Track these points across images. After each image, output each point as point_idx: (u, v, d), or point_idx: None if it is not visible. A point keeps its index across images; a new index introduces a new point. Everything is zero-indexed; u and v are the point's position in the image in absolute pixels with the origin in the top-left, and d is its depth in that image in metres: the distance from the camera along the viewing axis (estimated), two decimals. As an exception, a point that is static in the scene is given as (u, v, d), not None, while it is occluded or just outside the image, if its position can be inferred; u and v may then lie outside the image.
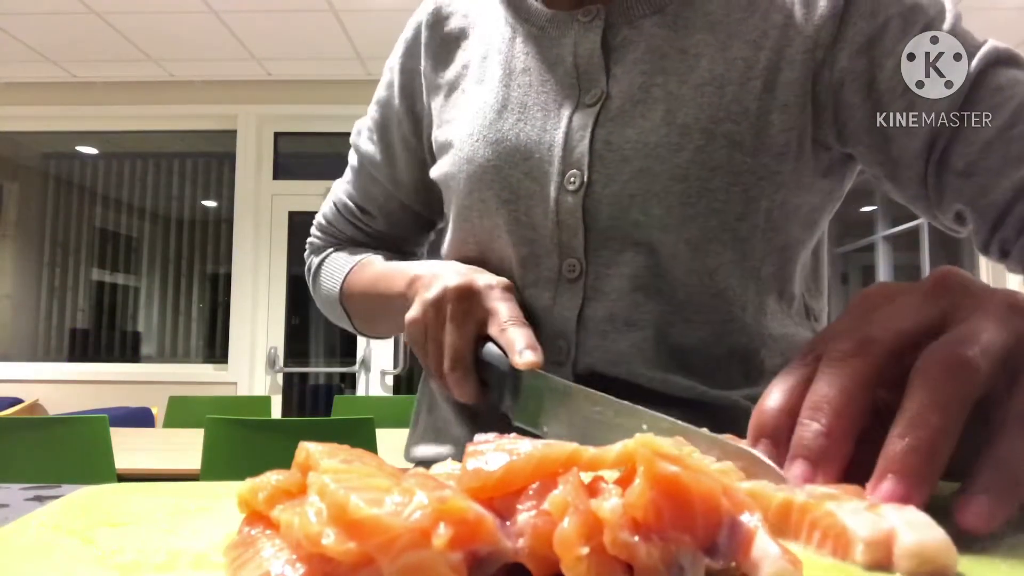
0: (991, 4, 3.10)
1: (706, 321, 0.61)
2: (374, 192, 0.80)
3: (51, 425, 1.91)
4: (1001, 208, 0.55)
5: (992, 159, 0.54)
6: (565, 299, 0.62)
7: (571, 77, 0.64)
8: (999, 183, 0.54)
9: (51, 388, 3.86)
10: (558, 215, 0.61)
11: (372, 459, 0.29)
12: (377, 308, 0.74)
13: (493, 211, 0.64)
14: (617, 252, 0.61)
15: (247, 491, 0.27)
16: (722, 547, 0.23)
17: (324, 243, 0.85)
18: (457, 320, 0.57)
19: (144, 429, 3.01)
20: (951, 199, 0.57)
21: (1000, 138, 0.54)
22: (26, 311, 4.87)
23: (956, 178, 0.56)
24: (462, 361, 0.56)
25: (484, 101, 0.67)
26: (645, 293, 0.60)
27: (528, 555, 0.22)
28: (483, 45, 0.71)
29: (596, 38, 0.63)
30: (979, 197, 0.55)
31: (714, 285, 0.60)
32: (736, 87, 0.59)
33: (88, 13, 3.28)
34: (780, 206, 0.60)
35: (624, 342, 0.60)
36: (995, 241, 0.57)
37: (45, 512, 0.34)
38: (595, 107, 0.62)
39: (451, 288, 0.58)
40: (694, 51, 0.61)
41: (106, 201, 5.15)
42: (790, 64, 0.59)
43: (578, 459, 0.25)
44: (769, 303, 0.63)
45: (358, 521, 0.22)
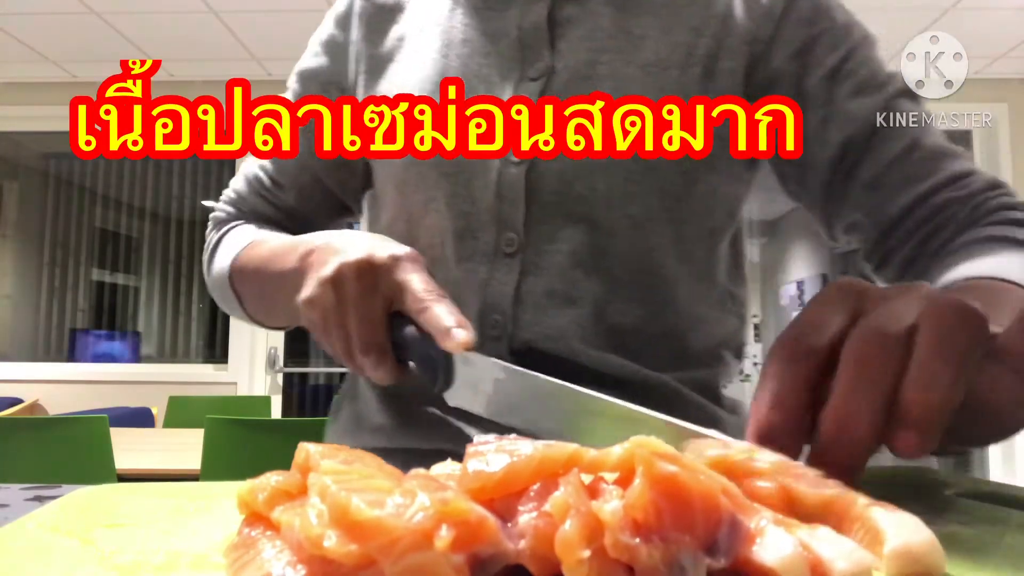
0: (991, 4, 3.10)
1: (642, 301, 0.62)
2: (288, 164, 0.74)
3: (51, 425, 1.90)
4: (894, 220, 0.60)
5: (894, 177, 0.60)
6: (501, 273, 0.61)
7: (515, 50, 0.64)
8: (897, 199, 0.60)
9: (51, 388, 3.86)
10: (499, 188, 0.61)
11: (372, 460, 0.29)
12: (268, 290, 0.65)
13: (431, 184, 0.63)
14: (558, 227, 0.61)
15: (247, 492, 0.27)
16: (722, 546, 0.23)
17: (228, 217, 0.77)
18: (362, 300, 0.51)
19: (144, 429, 3.01)
20: (851, 208, 0.62)
21: (903, 159, 0.60)
22: (26, 311, 4.86)
23: (861, 189, 0.61)
24: (375, 345, 0.51)
25: (421, 71, 0.66)
26: (584, 270, 0.61)
27: (529, 557, 0.22)
28: (420, 17, 0.70)
29: (542, 12, 0.64)
30: (877, 209, 0.61)
31: (651, 265, 0.62)
32: (678, 71, 0.61)
33: (88, 13, 3.28)
34: (713, 191, 0.63)
35: (562, 318, 0.60)
36: (880, 250, 0.62)
37: (43, 512, 0.34)
38: (539, 81, 0.62)
39: (350, 263, 0.51)
40: (639, 32, 0.63)
41: (106, 201, 5.15)
42: (729, 53, 0.62)
43: (579, 460, 0.25)
44: (698, 287, 0.65)
45: (360, 523, 0.22)
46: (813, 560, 0.23)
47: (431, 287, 0.50)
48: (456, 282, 0.62)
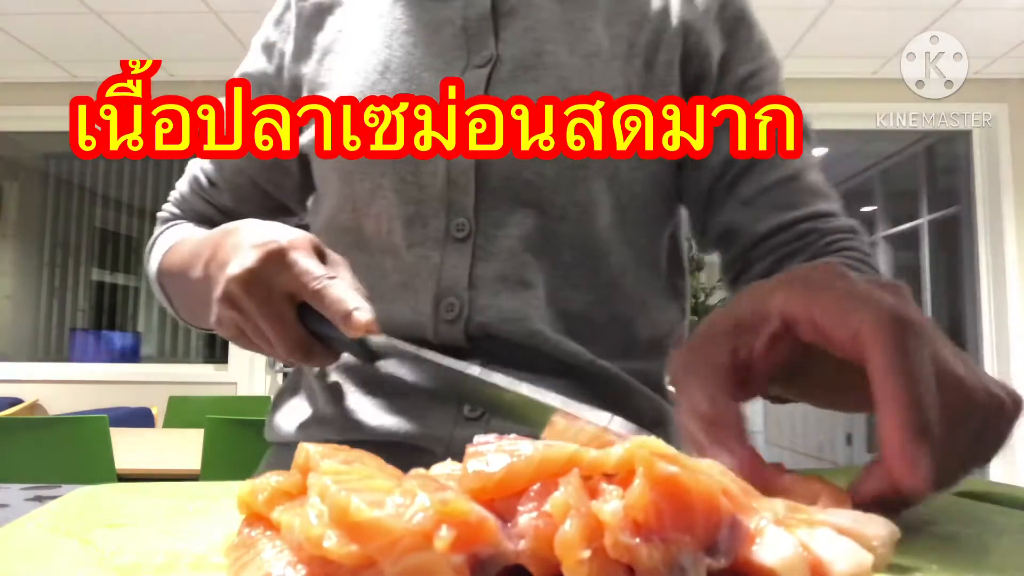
0: (991, 4, 3.10)
1: (590, 285, 0.63)
2: (224, 165, 0.74)
3: (51, 425, 1.90)
4: (760, 237, 0.63)
5: (770, 200, 0.63)
6: (454, 259, 0.62)
7: (459, 39, 0.65)
8: (768, 219, 0.63)
9: (51, 388, 3.85)
10: (449, 174, 0.61)
11: (372, 459, 0.29)
12: (190, 299, 0.64)
13: (378, 172, 0.63)
14: (507, 213, 0.62)
15: (247, 492, 0.27)
16: (722, 547, 0.23)
17: (171, 217, 0.78)
18: (261, 308, 0.50)
19: (144, 429, 3.01)
20: (727, 216, 0.65)
21: (782, 187, 0.63)
22: (26, 311, 4.86)
23: (737, 203, 0.64)
24: (295, 342, 0.51)
25: (365, 61, 0.66)
26: (534, 254, 0.62)
27: (530, 557, 0.22)
28: (359, 10, 0.70)
29: (486, 2, 0.65)
30: (749, 224, 0.64)
31: (597, 249, 0.63)
32: (621, 62, 0.64)
33: (88, 13, 3.28)
34: (652, 178, 0.65)
35: (517, 300, 0.61)
36: (740, 263, 0.65)
37: (43, 512, 0.34)
38: (485, 68, 0.63)
39: (235, 278, 0.49)
40: (581, 24, 0.65)
41: (106, 201, 5.14)
42: (667, 47, 0.65)
43: (579, 461, 0.25)
44: (644, 273, 0.67)
45: (360, 523, 0.22)
46: (813, 560, 0.23)
47: (320, 270, 0.49)
48: (408, 268, 0.62)
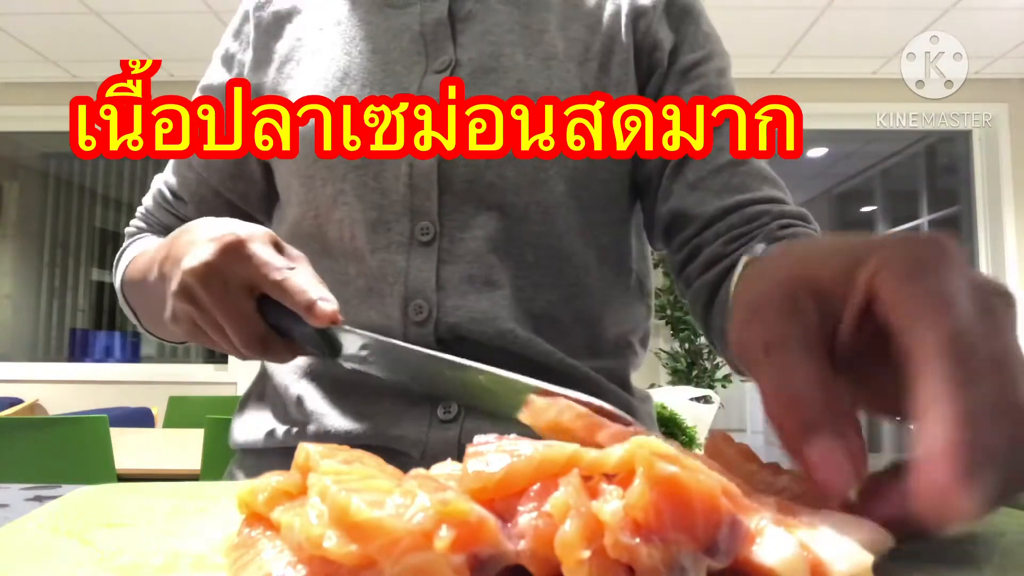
0: (991, 4, 3.10)
1: (554, 285, 0.64)
2: (188, 177, 0.75)
3: (51, 425, 1.90)
4: (709, 219, 0.63)
5: (716, 182, 0.63)
6: (419, 262, 0.62)
7: (418, 44, 0.66)
8: (715, 201, 0.63)
9: (51, 388, 3.86)
10: (411, 178, 0.62)
11: (372, 460, 0.29)
12: (148, 302, 0.63)
13: (339, 176, 0.63)
14: (471, 215, 0.62)
15: (247, 492, 0.27)
16: (722, 547, 0.23)
17: (137, 231, 0.78)
18: (219, 301, 0.48)
19: (144, 429, 3.01)
20: (675, 202, 0.65)
21: (728, 170, 0.63)
22: (26, 311, 4.86)
23: (683, 187, 0.64)
24: (254, 337, 0.49)
25: (325, 69, 0.67)
26: (499, 255, 0.62)
27: (530, 557, 0.22)
28: (318, 18, 0.71)
29: (443, 8, 0.67)
30: (696, 206, 0.63)
31: (561, 249, 0.64)
32: (576, 64, 0.65)
33: (88, 13, 3.28)
34: (613, 179, 0.67)
35: (485, 300, 0.61)
36: (689, 247, 0.64)
37: (43, 512, 0.34)
38: (444, 73, 0.64)
39: (192, 270, 0.48)
40: (537, 27, 0.66)
41: (106, 201, 5.14)
42: (620, 47, 0.66)
43: (579, 461, 0.25)
44: (608, 272, 0.67)
45: (360, 523, 0.22)
46: (813, 560, 0.23)
47: (281, 261, 0.48)
48: (373, 272, 0.62)
